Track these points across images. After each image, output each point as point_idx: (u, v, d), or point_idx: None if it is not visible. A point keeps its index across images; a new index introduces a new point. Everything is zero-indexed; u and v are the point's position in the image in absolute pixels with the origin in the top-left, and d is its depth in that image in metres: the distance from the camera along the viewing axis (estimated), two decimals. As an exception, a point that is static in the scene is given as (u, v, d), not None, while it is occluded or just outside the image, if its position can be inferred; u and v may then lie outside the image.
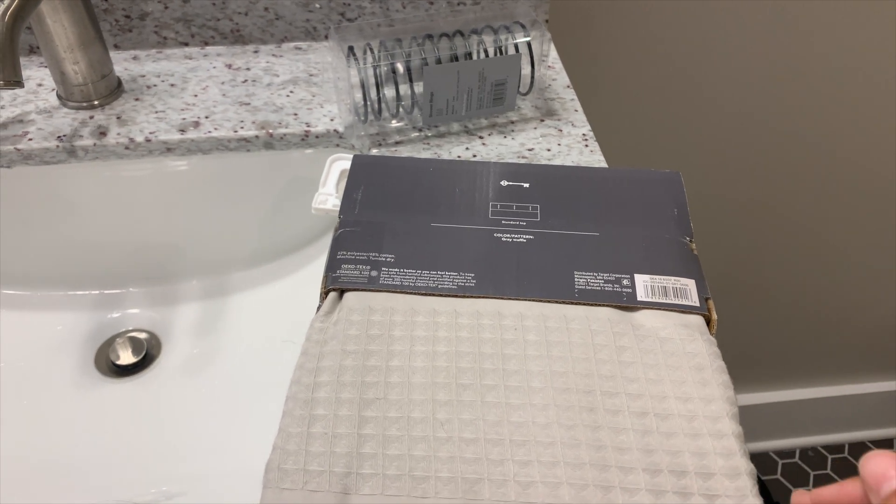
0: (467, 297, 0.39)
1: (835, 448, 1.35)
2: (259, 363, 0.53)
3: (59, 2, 0.50)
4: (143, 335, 0.56)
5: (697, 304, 0.39)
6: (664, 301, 0.39)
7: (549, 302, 0.39)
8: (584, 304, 0.39)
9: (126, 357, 0.54)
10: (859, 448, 1.35)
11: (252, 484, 0.34)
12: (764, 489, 1.22)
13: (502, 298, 0.39)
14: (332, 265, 0.40)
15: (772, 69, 0.79)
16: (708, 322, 0.39)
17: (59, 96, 0.56)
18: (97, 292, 0.58)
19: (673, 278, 0.40)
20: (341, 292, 0.40)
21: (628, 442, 0.33)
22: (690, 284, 0.40)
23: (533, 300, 0.39)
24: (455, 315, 0.38)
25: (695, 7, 0.72)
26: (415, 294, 0.39)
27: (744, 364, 1.22)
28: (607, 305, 0.39)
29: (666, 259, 0.41)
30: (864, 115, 0.86)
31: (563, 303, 0.39)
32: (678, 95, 0.80)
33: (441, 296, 0.39)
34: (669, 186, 0.46)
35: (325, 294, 0.40)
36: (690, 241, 0.43)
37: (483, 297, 0.39)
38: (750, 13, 0.74)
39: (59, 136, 0.52)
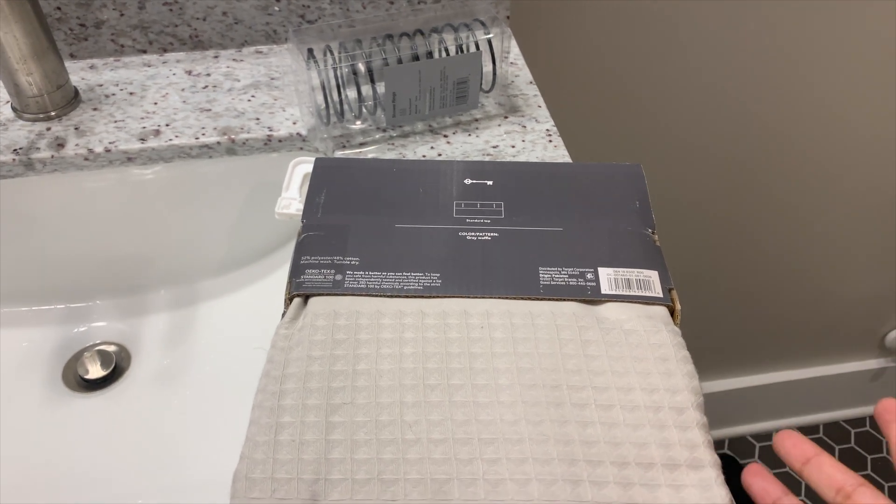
0: (433, 297, 0.39)
1: (810, 429, 1.38)
2: (230, 371, 0.52)
3: (9, 12, 0.49)
4: (111, 348, 0.55)
5: (661, 296, 0.39)
6: (628, 293, 0.39)
7: (514, 299, 0.39)
8: (550, 300, 0.39)
9: (95, 371, 0.53)
10: (834, 428, 1.38)
11: (227, 494, 0.34)
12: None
13: (468, 297, 0.39)
14: (296, 270, 0.40)
15: (732, 62, 0.80)
16: (672, 312, 0.39)
17: (13, 108, 0.54)
18: (63, 306, 0.57)
19: (636, 270, 0.40)
20: (306, 298, 0.39)
21: (596, 435, 0.33)
22: (653, 276, 0.40)
23: (499, 298, 0.39)
24: (421, 316, 0.38)
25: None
26: (380, 296, 0.39)
27: (719, 350, 1.23)
28: (572, 300, 0.39)
29: (629, 251, 0.41)
30: (827, 106, 0.87)
31: (529, 299, 0.39)
32: (640, 88, 0.81)
33: (407, 297, 0.39)
34: (631, 179, 0.46)
35: (289, 300, 0.40)
36: (653, 232, 0.43)
37: (449, 297, 0.39)
38: (713, 6, 0.74)
39: (14, 150, 0.51)
